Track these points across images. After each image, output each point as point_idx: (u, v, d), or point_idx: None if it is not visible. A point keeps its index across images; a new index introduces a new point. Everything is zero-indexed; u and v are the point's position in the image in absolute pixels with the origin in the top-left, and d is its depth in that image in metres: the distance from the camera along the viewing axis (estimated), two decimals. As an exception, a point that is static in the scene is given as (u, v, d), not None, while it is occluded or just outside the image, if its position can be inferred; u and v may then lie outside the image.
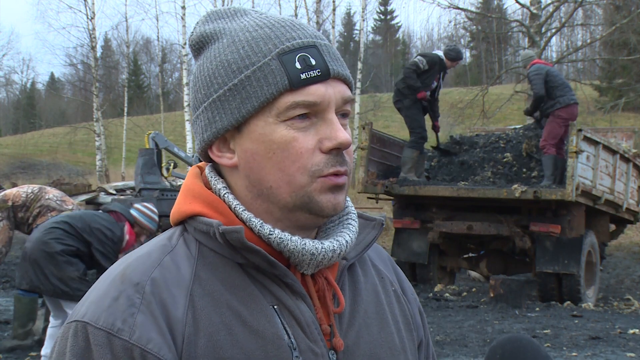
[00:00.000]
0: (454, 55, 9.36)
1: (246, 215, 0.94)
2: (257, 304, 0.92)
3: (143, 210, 5.57)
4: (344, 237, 0.98)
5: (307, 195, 0.93)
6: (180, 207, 0.98)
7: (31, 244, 4.98)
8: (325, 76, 0.93)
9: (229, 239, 0.91)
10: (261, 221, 0.94)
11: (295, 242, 0.93)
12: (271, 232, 0.93)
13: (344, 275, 1.02)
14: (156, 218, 5.66)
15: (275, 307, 0.93)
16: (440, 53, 9.44)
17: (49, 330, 5.19)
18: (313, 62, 0.92)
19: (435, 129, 9.80)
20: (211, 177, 0.99)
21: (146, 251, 0.95)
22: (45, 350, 5.06)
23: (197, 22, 1.01)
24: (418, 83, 9.09)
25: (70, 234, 5.02)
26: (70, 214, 5.29)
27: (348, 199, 1.04)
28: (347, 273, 1.04)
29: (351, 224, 1.01)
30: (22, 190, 6.10)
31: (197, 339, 0.88)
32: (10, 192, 6.16)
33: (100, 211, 5.44)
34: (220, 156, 0.97)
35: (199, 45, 0.99)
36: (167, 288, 0.90)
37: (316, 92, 0.92)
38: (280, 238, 0.93)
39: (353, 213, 1.04)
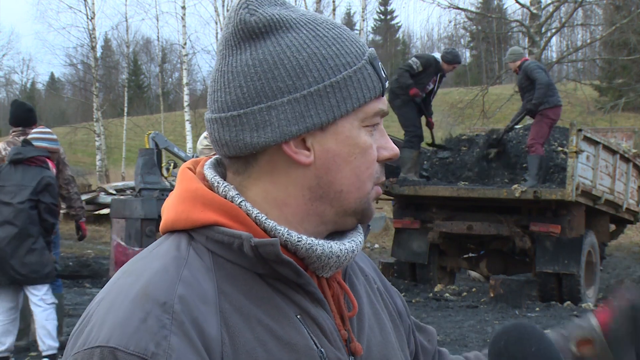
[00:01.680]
0: (450, 58, 9.33)
1: (270, 224, 0.89)
2: (284, 316, 0.88)
3: (45, 137, 5.21)
4: (358, 238, 0.97)
5: (367, 202, 0.94)
6: (189, 214, 0.90)
7: (19, 238, 4.83)
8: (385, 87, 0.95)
9: (262, 252, 0.86)
10: (286, 228, 0.90)
11: (322, 246, 0.91)
12: (299, 239, 0.90)
13: (346, 277, 1.00)
14: (55, 136, 5.32)
15: (298, 316, 0.90)
16: (437, 55, 9.45)
17: (5, 328, 4.98)
18: (384, 72, 0.95)
19: (430, 125, 9.86)
20: (219, 183, 0.93)
21: (161, 265, 0.87)
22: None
23: (250, 4, 0.91)
24: (410, 80, 9.11)
25: (35, 207, 4.86)
26: (17, 186, 4.82)
27: None
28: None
29: (357, 225, 1.01)
30: None
31: (236, 357, 0.83)
32: None
33: (20, 165, 4.90)
34: (297, 152, 0.90)
35: (266, 29, 0.89)
36: (196, 305, 0.83)
37: (385, 101, 0.94)
38: (309, 244, 0.90)
39: None
